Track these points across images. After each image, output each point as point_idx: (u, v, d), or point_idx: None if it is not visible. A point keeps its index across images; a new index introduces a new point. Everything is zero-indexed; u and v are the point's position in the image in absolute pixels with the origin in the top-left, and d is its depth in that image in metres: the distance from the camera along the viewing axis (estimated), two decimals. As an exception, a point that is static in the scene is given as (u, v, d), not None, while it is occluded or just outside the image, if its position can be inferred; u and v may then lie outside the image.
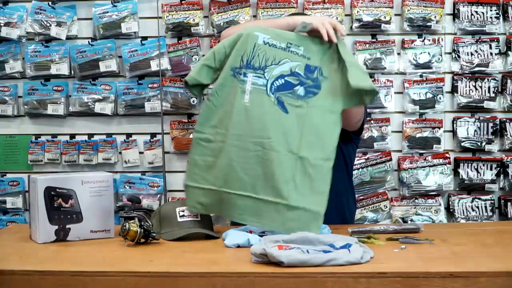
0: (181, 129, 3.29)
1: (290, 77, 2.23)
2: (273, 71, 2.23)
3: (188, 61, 3.26)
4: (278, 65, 2.23)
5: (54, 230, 2.15)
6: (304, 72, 2.23)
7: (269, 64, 2.23)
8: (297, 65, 2.24)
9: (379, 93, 2.95)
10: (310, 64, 2.25)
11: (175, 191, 3.32)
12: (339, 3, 3.21)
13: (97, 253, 2.00)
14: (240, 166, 2.16)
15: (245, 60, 2.22)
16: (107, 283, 1.77)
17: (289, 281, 1.72)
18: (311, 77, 2.23)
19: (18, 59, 3.30)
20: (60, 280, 1.78)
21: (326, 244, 1.87)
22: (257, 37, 2.24)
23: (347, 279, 1.71)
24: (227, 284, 1.73)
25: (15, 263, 1.89)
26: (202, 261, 1.88)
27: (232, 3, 3.24)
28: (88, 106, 3.28)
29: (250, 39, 2.23)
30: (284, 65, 2.24)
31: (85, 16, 3.31)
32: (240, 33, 2.25)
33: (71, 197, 2.17)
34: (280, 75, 2.23)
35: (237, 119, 2.19)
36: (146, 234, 2.08)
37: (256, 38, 2.24)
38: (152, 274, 1.77)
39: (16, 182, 3.32)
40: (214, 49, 2.27)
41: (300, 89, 2.22)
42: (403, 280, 1.70)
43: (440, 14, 3.21)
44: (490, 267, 1.75)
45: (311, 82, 2.23)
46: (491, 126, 3.24)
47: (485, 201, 3.24)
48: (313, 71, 2.24)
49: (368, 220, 3.23)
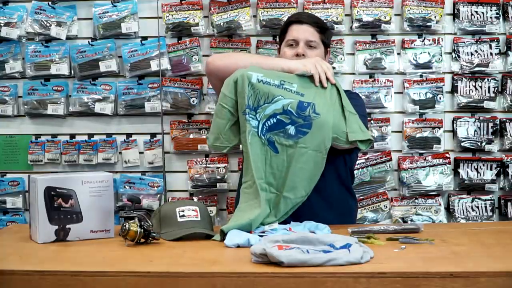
0: (181, 129, 3.29)
1: (283, 116, 2.31)
2: (265, 111, 2.31)
3: (188, 61, 3.25)
4: (271, 103, 2.31)
5: (54, 230, 2.15)
6: (296, 111, 2.31)
7: (261, 103, 2.30)
8: (289, 102, 2.31)
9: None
10: (303, 101, 2.32)
11: (175, 191, 3.32)
12: (339, 3, 3.21)
13: (97, 253, 2.01)
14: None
15: (246, 100, 2.29)
16: (107, 283, 1.77)
17: (289, 281, 1.72)
18: (302, 116, 2.31)
19: (18, 59, 3.30)
20: (60, 280, 1.78)
21: (326, 244, 1.87)
22: (251, 76, 2.31)
23: (347, 279, 1.71)
24: (227, 284, 1.73)
25: (15, 263, 1.89)
26: (202, 261, 1.88)
27: (232, 3, 3.24)
28: (88, 106, 3.28)
29: (245, 79, 2.30)
30: (277, 102, 2.31)
31: (85, 16, 3.31)
32: (235, 77, 2.32)
33: (71, 197, 2.17)
34: (273, 114, 2.31)
35: (250, 160, 2.30)
36: (146, 234, 2.08)
37: (250, 77, 2.31)
38: (152, 274, 1.77)
39: (16, 182, 3.32)
40: (221, 103, 2.34)
41: (291, 128, 2.31)
42: (403, 280, 1.70)
43: (440, 14, 3.21)
44: (490, 267, 1.75)
45: (302, 121, 2.30)
46: (491, 126, 3.24)
47: (485, 201, 3.24)
48: (305, 108, 2.31)
49: (368, 220, 3.23)
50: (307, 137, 2.31)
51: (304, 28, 2.57)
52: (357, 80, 3.24)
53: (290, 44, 2.58)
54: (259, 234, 2.12)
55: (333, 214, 2.46)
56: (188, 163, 3.28)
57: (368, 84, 3.24)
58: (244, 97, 2.29)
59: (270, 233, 2.15)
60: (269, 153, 2.31)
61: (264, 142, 2.31)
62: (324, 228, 2.23)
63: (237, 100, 2.32)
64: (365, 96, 3.17)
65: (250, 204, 2.26)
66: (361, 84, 3.24)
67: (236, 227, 2.15)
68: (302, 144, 2.30)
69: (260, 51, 3.23)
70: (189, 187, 3.29)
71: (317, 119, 2.30)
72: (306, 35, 2.56)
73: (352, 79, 3.25)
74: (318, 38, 2.58)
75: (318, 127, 2.30)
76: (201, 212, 2.24)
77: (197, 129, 3.28)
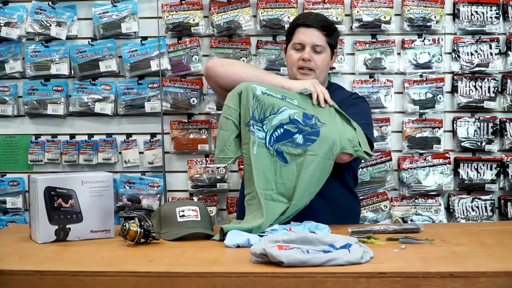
0: (181, 129, 3.28)
1: (289, 125, 2.32)
2: (272, 121, 2.31)
3: (188, 61, 3.25)
4: (277, 113, 2.31)
5: (54, 230, 2.15)
6: (302, 119, 2.32)
7: (267, 114, 2.31)
8: (295, 112, 2.32)
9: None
10: (307, 112, 2.34)
11: (175, 191, 3.32)
12: (339, 3, 3.21)
13: (97, 253, 2.00)
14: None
15: (251, 112, 2.29)
16: (107, 283, 1.77)
17: (289, 281, 1.72)
18: (309, 124, 2.32)
19: (18, 59, 3.30)
20: (60, 280, 1.78)
21: (326, 244, 1.87)
22: (256, 89, 2.32)
23: (347, 279, 1.71)
24: (227, 284, 1.73)
25: (15, 263, 1.89)
26: (202, 261, 1.88)
27: (232, 3, 3.23)
28: (88, 106, 3.28)
29: (250, 92, 2.31)
30: (283, 112, 2.32)
31: (85, 16, 3.31)
32: (239, 90, 2.33)
33: (71, 197, 2.17)
34: (280, 124, 2.31)
35: (253, 171, 2.28)
36: (146, 234, 2.08)
37: (255, 89, 2.32)
38: (152, 274, 1.77)
39: (16, 182, 3.32)
40: (225, 116, 2.34)
41: (299, 137, 2.31)
42: (403, 280, 1.70)
43: (440, 14, 3.21)
44: (490, 267, 1.75)
45: (310, 129, 2.32)
46: (491, 126, 3.23)
47: (485, 201, 3.24)
48: (310, 118, 2.33)
49: (368, 220, 3.23)
50: (315, 144, 2.31)
51: (310, 32, 2.55)
52: (357, 80, 3.24)
53: (297, 48, 2.57)
54: (259, 234, 2.12)
55: (336, 217, 2.46)
56: (188, 163, 3.28)
57: (368, 84, 3.24)
58: (249, 109, 2.29)
59: (270, 233, 2.15)
60: (278, 163, 2.31)
61: (273, 153, 2.30)
62: (324, 228, 2.23)
63: (241, 112, 2.32)
64: (365, 96, 3.17)
65: (254, 215, 2.25)
66: (361, 84, 3.24)
67: (236, 229, 2.15)
68: (311, 152, 2.30)
69: (260, 51, 3.23)
70: (189, 187, 3.29)
71: (324, 127, 2.32)
72: (313, 40, 2.55)
73: (352, 79, 3.25)
74: (325, 41, 2.57)
75: (326, 134, 2.32)
76: (201, 212, 2.24)
77: (197, 129, 3.28)
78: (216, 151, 2.37)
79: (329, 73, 3.08)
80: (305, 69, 2.55)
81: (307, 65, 2.54)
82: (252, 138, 2.29)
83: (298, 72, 2.56)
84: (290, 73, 2.62)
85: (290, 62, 2.58)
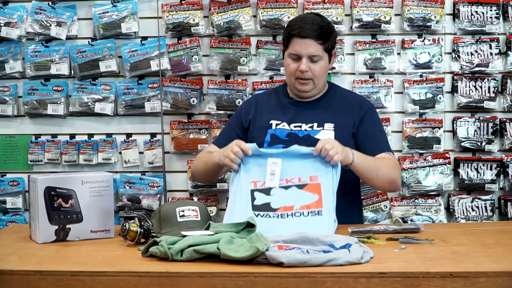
0: (181, 129, 3.29)
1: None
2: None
3: (188, 61, 3.25)
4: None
5: (54, 230, 2.15)
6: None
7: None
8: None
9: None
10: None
11: (175, 191, 3.33)
12: (339, 3, 3.21)
13: (97, 253, 2.00)
14: None
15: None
16: (107, 283, 1.77)
17: (289, 281, 1.72)
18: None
19: (18, 59, 3.30)
20: (60, 280, 1.78)
21: (326, 244, 1.87)
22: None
23: (347, 279, 1.71)
24: (227, 284, 1.73)
25: (15, 263, 1.89)
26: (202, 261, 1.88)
27: (232, 3, 3.24)
28: (88, 106, 3.28)
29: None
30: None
31: (85, 16, 3.31)
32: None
33: (71, 197, 2.17)
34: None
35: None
36: (146, 234, 2.08)
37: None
38: (152, 274, 1.77)
39: (16, 182, 3.32)
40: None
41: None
42: (403, 280, 1.71)
43: (440, 14, 3.21)
44: (490, 267, 1.75)
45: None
46: (491, 126, 3.24)
47: (485, 201, 3.24)
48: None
49: (368, 220, 3.23)
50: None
51: (306, 42, 2.50)
52: (357, 80, 3.24)
53: (293, 58, 2.55)
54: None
55: (338, 218, 2.45)
56: (188, 163, 3.28)
57: (368, 84, 3.24)
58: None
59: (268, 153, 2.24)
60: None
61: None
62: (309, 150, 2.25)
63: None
64: (365, 96, 3.17)
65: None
66: (361, 84, 3.24)
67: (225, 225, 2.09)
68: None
69: (260, 51, 3.23)
70: (189, 187, 3.29)
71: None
72: (309, 51, 2.50)
73: (352, 79, 3.25)
74: (321, 50, 2.52)
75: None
76: (201, 212, 2.24)
77: (197, 129, 3.28)
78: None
79: (329, 73, 3.08)
80: (303, 79, 2.54)
81: (305, 76, 2.53)
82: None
83: (296, 82, 2.55)
84: (288, 81, 2.62)
85: (288, 71, 2.57)
